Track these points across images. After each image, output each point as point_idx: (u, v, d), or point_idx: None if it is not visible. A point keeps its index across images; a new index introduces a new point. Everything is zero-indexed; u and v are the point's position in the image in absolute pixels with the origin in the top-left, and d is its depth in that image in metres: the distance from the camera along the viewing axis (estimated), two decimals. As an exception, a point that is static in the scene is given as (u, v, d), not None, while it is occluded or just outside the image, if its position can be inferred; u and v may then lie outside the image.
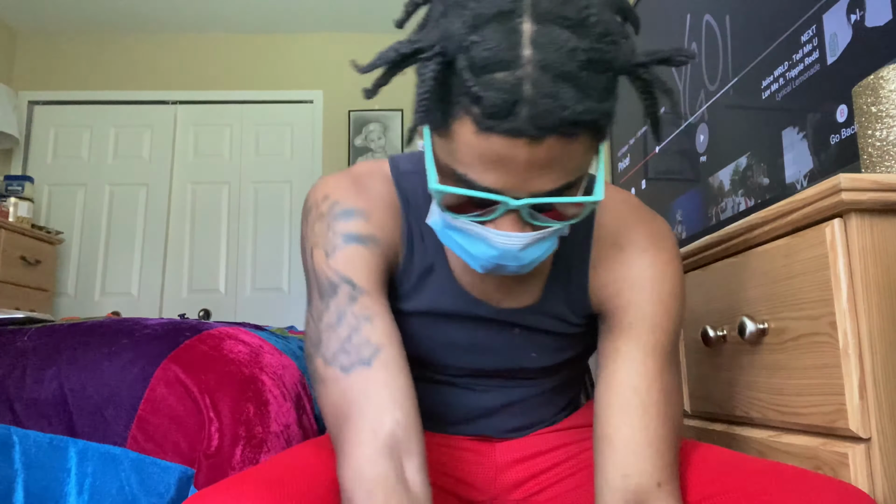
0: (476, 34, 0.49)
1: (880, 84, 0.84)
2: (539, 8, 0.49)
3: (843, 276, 0.74)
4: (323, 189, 0.74)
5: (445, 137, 0.54)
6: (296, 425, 1.18)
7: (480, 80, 0.49)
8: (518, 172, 0.52)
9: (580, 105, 0.49)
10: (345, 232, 0.70)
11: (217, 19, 3.82)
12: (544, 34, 0.49)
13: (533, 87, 0.49)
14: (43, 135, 3.85)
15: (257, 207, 3.81)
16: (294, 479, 0.65)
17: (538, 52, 0.49)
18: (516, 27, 0.49)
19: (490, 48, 0.49)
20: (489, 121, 0.50)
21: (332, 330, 0.67)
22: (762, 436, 0.91)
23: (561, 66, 0.49)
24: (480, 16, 0.50)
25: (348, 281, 0.68)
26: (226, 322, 1.45)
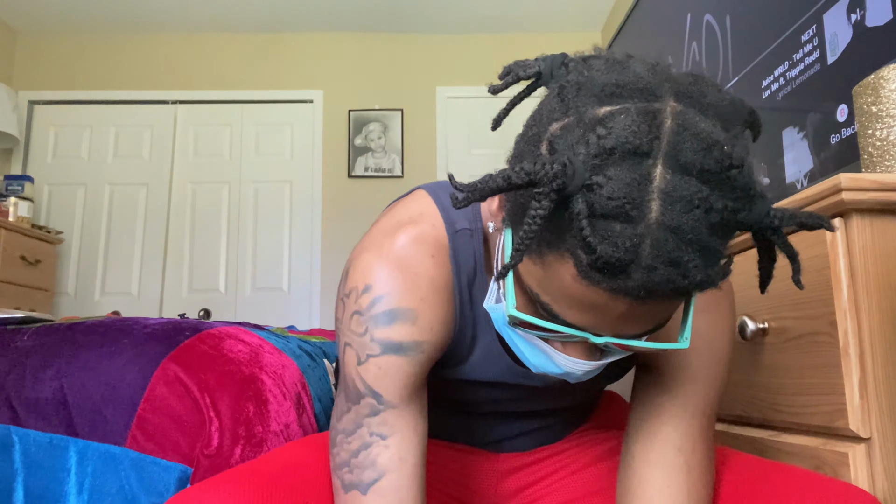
0: (600, 174, 0.43)
1: (880, 84, 0.83)
2: (677, 153, 0.43)
3: (844, 276, 0.74)
4: (364, 274, 0.63)
5: (538, 264, 0.48)
6: (295, 424, 1.18)
7: (596, 227, 0.43)
8: (610, 320, 0.47)
9: (700, 274, 0.44)
10: (384, 339, 0.62)
11: (217, 19, 3.82)
12: (678, 187, 0.42)
13: (653, 249, 0.42)
14: (43, 135, 3.85)
15: (257, 207, 3.81)
16: (286, 475, 0.66)
17: (667, 210, 0.42)
18: (647, 173, 0.42)
19: (614, 195, 0.42)
20: (595, 273, 0.44)
21: (346, 437, 0.64)
22: (762, 436, 0.91)
23: (690, 229, 0.42)
24: (609, 151, 0.43)
25: (375, 394, 0.62)
26: (226, 322, 1.45)
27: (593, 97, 0.46)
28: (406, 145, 3.85)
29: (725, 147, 0.43)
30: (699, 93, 0.46)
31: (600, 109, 0.45)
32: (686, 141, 0.43)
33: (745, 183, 0.44)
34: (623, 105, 0.44)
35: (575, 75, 0.48)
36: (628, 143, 0.42)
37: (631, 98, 0.45)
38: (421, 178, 3.81)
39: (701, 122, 0.44)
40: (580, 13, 3.79)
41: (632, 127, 0.43)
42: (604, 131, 0.43)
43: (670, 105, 0.44)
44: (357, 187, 3.81)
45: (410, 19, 3.83)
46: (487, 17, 3.81)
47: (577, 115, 0.45)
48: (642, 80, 0.46)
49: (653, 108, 0.44)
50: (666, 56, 2.21)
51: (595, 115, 0.45)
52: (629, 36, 2.63)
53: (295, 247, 3.77)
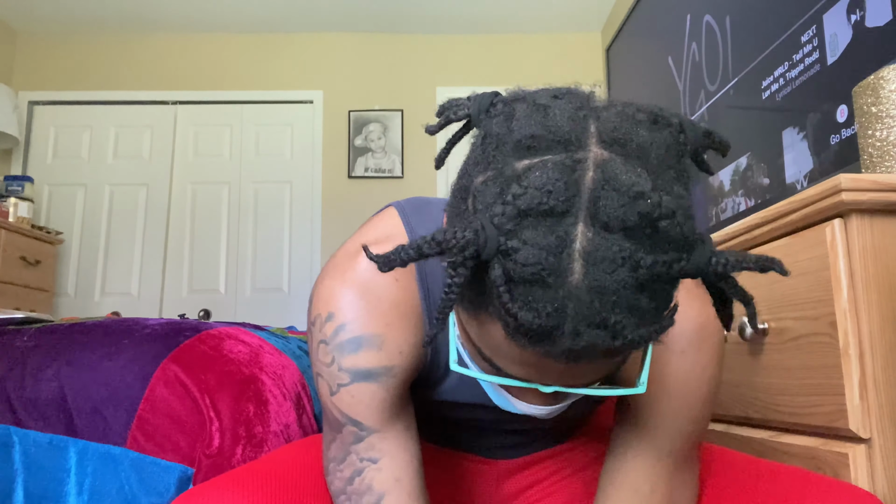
0: (515, 238, 0.40)
1: (880, 84, 0.83)
2: (598, 209, 0.40)
3: (844, 276, 0.74)
4: (328, 302, 0.62)
5: (473, 318, 0.46)
6: (296, 425, 1.18)
7: (516, 293, 0.40)
8: (553, 375, 0.45)
9: (633, 333, 0.41)
10: (352, 367, 0.61)
11: (217, 19, 3.82)
12: (600, 246, 0.39)
13: (577, 314, 0.40)
14: (43, 135, 3.85)
15: (257, 207, 3.81)
16: (290, 475, 0.66)
17: (590, 271, 0.39)
18: (566, 233, 0.39)
19: (530, 261, 0.39)
20: (522, 338, 0.42)
21: (337, 465, 0.64)
22: (762, 436, 0.91)
23: (616, 290, 0.40)
24: (524, 212, 0.40)
25: (354, 422, 0.62)
26: (226, 322, 1.45)
27: (512, 150, 0.43)
28: (406, 145, 3.85)
29: (651, 198, 0.40)
30: (626, 136, 0.42)
31: (519, 164, 0.42)
32: (608, 195, 0.40)
33: (679, 233, 0.41)
34: (541, 159, 0.41)
35: (497, 123, 0.45)
36: (544, 203, 0.40)
37: (550, 150, 0.42)
38: (421, 179, 3.81)
39: (625, 173, 0.40)
40: (580, 13, 3.79)
41: (547, 185, 0.40)
42: (519, 190, 0.40)
43: (593, 153, 0.41)
44: (357, 188, 3.81)
45: (410, 19, 3.83)
46: (487, 17, 3.81)
47: (496, 170, 0.43)
48: (562, 128, 0.42)
49: (572, 161, 0.41)
50: (666, 56, 2.22)
51: (513, 171, 0.42)
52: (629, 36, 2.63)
53: (295, 247, 3.77)
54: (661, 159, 0.42)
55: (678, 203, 0.41)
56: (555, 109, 0.44)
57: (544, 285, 0.40)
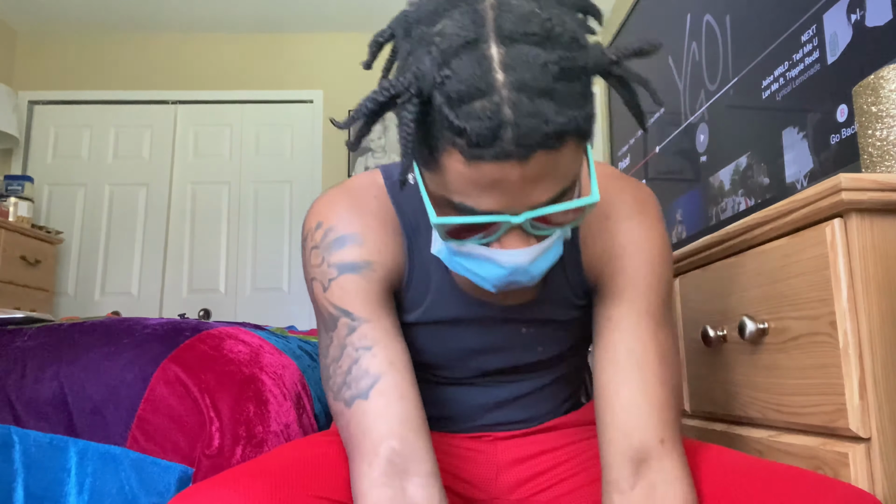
0: (447, 69, 0.50)
1: (880, 84, 0.84)
2: (502, 30, 0.49)
3: (843, 276, 0.74)
4: (316, 215, 0.74)
5: (436, 171, 0.54)
6: (296, 424, 1.18)
7: (460, 112, 0.49)
8: (513, 191, 0.52)
9: (561, 116, 0.49)
10: (338, 262, 0.70)
11: (217, 19, 3.82)
12: (513, 55, 0.49)
13: (512, 110, 0.48)
14: (43, 135, 3.85)
15: (257, 207, 3.81)
16: (289, 473, 0.66)
17: (510, 74, 0.49)
18: (484, 54, 0.49)
19: (463, 80, 0.49)
20: (476, 149, 0.50)
21: (336, 363, 0.69)
22: (762, 436, 0.91)
23: (535, 82, 0.49)
24: (447, 50, 0.50)
25: (346, 312, 0.69)
26: (226, 322, 1.45)
27: (428, 23, 0.52)
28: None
29: (542, 13, 0.50)
30: None
31: (434, 28, 0.52)
32: (505, 17, 0.50)
33: (571, 36, 0.51)
34: (449, 13, 0.51)
35: (412, 13, 0.55)
36: (459, 36, 0.50)
37: (454, 6, 0.52)
38: (421, 178, 3.81)
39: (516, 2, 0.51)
40: (580, 13, 3.79)
41: (458, 25, 0.50)
42: (439, 39, 0.50)
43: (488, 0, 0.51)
44: (357, 187, 3.81)
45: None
46: (487, 17, 3.81)
47: (418, 38, 0.53)
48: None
49: (473, 5, 0.51)
50: (666, 56, 2.21)
51: (432, 32, 0.52)
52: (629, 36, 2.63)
53: (295, 247, 3.77)
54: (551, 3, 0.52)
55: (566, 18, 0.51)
56: None
57: (479, 95, 0.49)
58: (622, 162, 2.67)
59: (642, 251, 0.73)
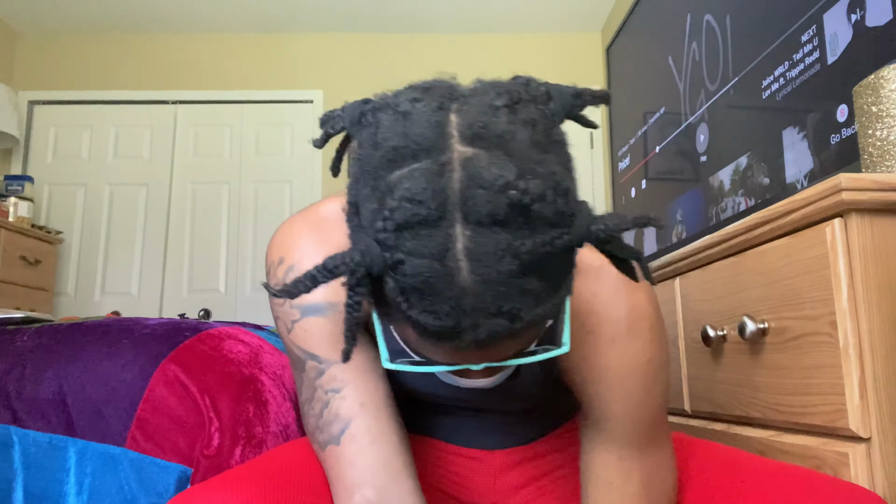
0: (400, 251, 0.42)
1: (881, 84, 0.83)
2: (469, 209, 0.41)
3: (844, 276, 0.74)
4: (278, 249, 0.68)
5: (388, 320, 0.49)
6: (295, 425, 1.18)
7: (412, 303, 0.43)
8: (473, 359, 0.47)
9: (529, 314, 0.43)
10: (300, 303, 0.65)
11: (217, 19, 3.82)
12: (480, 243, 0.41)
13: (474, 310, 0.42)
14: (43, 135, 3.85)
15: (257, 207, 3.81)
16: (287, 474, 0.66)
17: (475, 267, 0.41)
18: (447, 237, 0.41)
19: (419, 272, 0.41)
20: (430, 339, 0.44)
21: (309, 405, 0.67)
22: (762, 436, 0.91)
23: (503, 280, 0.41)
24: (402, 226, 0.42)
25: (311, 356, 0.65)
26: (226, 322, 1.45)
27: (382, 163, 0.44)
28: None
29: (519, 185, 0.41)
30: (485, 127, 0.43)
31: (390, 176, 0.43)
32: (474, 194, 0.41)
33: (553, 212, 0.42)
34: (409, 168, 0.43)
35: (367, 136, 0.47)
36: (417, 213, 0.41)
37: (415, 158, 0.43)
38: (421, 179, 3.81)
39: (488, 167, 0.42)
40: (580, 13, 3.79)
41: (417, 195, 0.41)
42: (393, 203, 0.42)
43: (456, 153, 0.42)
44: (357, 187, 3.81)
45: (410, 19, 3.84)
46: (487, 17, 3.81)
47: (372, 184, 0.44)
48: (424, 134, 0.43)
49: (438, 166, 0.42)
50: (666, 56, 2.21)
51: (386, 185, 0.43)
52: (629, 36, 2.63)
53: (295, 247, 3.76)
54: (524, 142, 0.44)
55: (547, 183, 0.43)
56: (414, 115, 0.45)
57: (436, 290, 0.42)
58: (622, 162, 2.67)
59: (624, 382, 0.65)
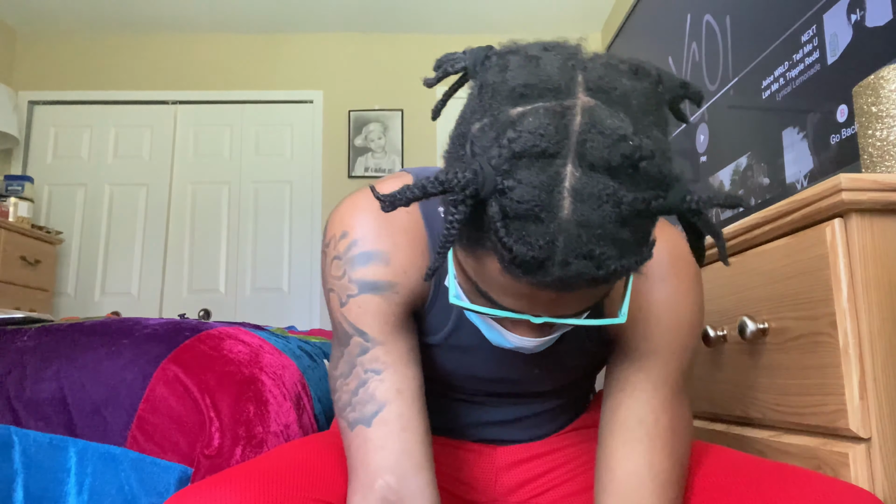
0: (511, 178, 0.44)
1: (881, 84, 0.83)
2: (585, 151, 0.43)
3: (844, 276, 0.74)
4: (341, 223, 0.68)
5: (469, 255, 0.50)
6: (295, 425, 1.18)
7: (511, 229, 0.44)
8: (542, 305, 0.49)
9: (616, 263, 0.45)
10: (360, 279, 0.66)
11: (217, 19, 3.82)
12: (587, 184, 0.43)
13: (566, 246, 0.44)
14: (43, 135, 3.85)
15: (257, 207, 3.81)
16: (285, 473, 0.66)
17: (578, 207, 0.43)
18: (557, 173, 0.43)
19: (525, 198, 0.43)
20: (516, 269, 0.45)
21: (344, 380, 0.67)
22: (762, 436, 0.91)
23: (601, 224, 0.43)
24: (519, 154, 0.44)
25: (360, 332, 0.66)
26: (226, 322, 1.45)
27: (507, 98, 0.46)
28: (406, 145, 3.85)
29: (633, 140, 0.44)
30: (610, 84, 0.46)
31: (513, 110, 0.46)
32: (593, 138, 0.43)
33: (657, 172, 0.45)
34: (533, 105, 0.45)
35: (492, 74, 0.48)
36: (536, 145, 0.43)
37: (541, 97, 0.45)
38: (421, 179, 3.81)
39: (609, 118, 0.44)
40: (580, 13, 3.79)
41: (539, 129, 0.44)
42: (514, 135, 0.44)
43: (580, 101, 0.45)
44: (357, 188, 3.80)
45: (410, 19, 3.83)
46: (487, 17, 3.81)
47: (492, 117, 0.46)
48: (552, 78, 0.46)
49: (562, 107, 0.45)
50: (666, 56, 2.21)
51: (508, 117, 0.45)
52: (629, 36, 2.63)
53: (295, 247, 3.77)
54: (641, 106, 0.46)
55: (657, 145, 0.45)
56: (545, 60, 0.47)
57: (537, 220, 0.44)
58: (622, 162, 2.67)
59: (671, 318, 0.68)
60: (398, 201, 0.47)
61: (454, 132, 0.51)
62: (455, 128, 0.51)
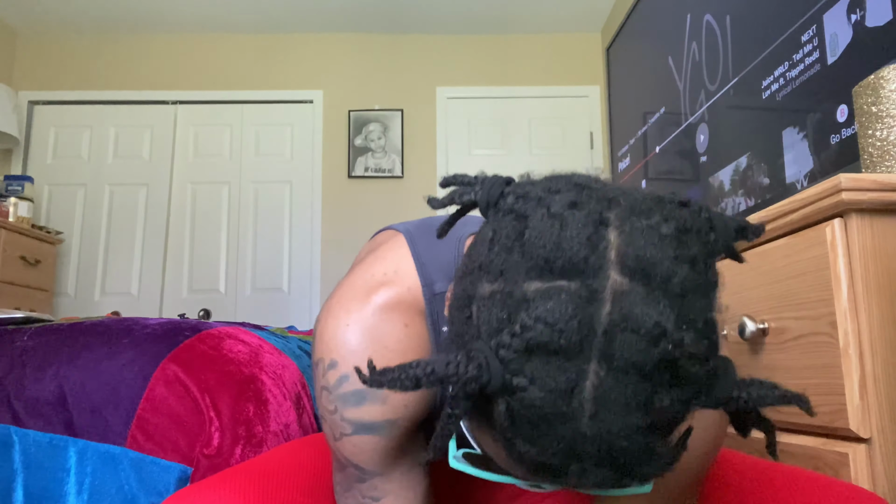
0: (523, 376, 0.37)
1: (880, 84, 0.83)
2: (614, 351, 0.36)
3: (844, 276, 0.74)
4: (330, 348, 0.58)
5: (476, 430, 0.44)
6: (295, 424, 1.18)
7: (521, 430, 0.38)
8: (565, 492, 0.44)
9: (641, 471, 0.38)
10: (354, 420, 0.58)
11: (217, 19, 3.82)
12: (613, 388, 0.36)
13: (585, 456, 0.37)
14: (43, 135, 3.85)
15: (257, 207, 3.81)
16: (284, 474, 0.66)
17: (601, 414, 0.36)
18: (578, 375, 0.36)
19: (538, 403, 0.37)
20: (526, 469, 0.40)
21: (342, 493, 0.64)
22: (762, 436, 0.91)
23: (628, 435, 0.37)
24: (534, 348, 0.36)
25: (357, 467, 0.60)
26: (226, 322, 1.45)
27: (522, 267, 0.39)
28: (406, 145, 3.85)
29: (675, 337, 0.36)
30: (650, 261, 0.37)
31: (529, 286, 0.38)
32: (625, 337, 0.36)
33: (704, 370, 0.37)
34: (554, 284, 0.37)
35: (507, 226, 0.41)
36: (554, 341, 0.36)
37: (564, 275, 0.37)
38: (421, 179, 3.81)
39: (645, 308, 0.36)
40: (580, 14, 3.79)
41: (560, 322, 0.36)
42: (528, 321, 0.37)
43: (611, 281, 0.37)
44: (357, 187, 3.81)
45: (410, 19, 3.84)
46: (487, 17, 3.81)
47: (503, 288, 0.39)
48: (579, 252, 0.37)
49: (588, 292, 0.37)
50: (666, 56, 2.22)
51: (523, 294, 0.38)
52: (629, 36, 2.63)
53: (295, 247, 3.77)
54: (686, 282, 0.38)
55: (702, 336, 0.37)
56: (570, 223, 0.39)
57: (551, 426, 0.37)
58: (622, 162, 2.67)
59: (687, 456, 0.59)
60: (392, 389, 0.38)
61: (460, 281, 0.43)
62: (461, 274, 0.43)
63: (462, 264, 0.44)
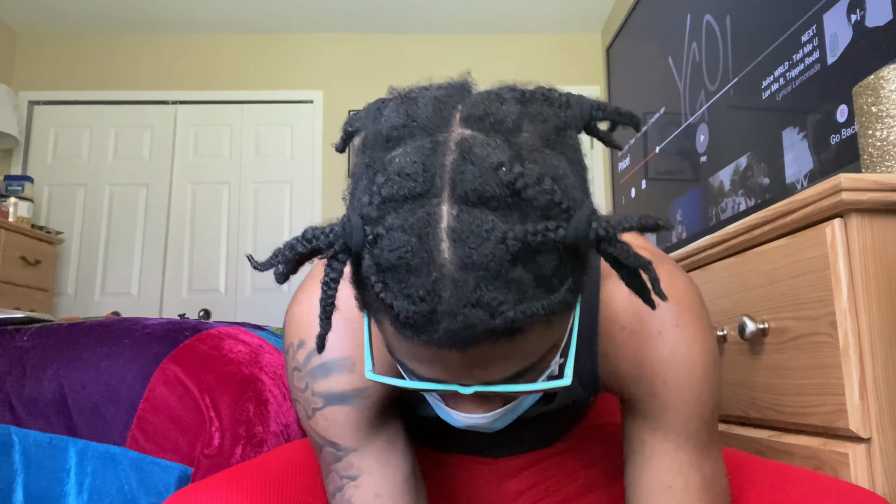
0: (380, 225, 0.39)
1: (880, 84, 0.83)
2: (459, 186, 0.38)
3: (844, 276, 0.74)
4: (298, 329, 0.62)
5: (373, 318, 0.44)
6: (296, 425, 1.18)
7: (389, 282, 0.39)
8: (456, 369, 0.42)
9: (513, 310, 0.38)
10: (324, 391, 0.61)
11: (217, 19, 3.82)
12: (465, 221, 0.37)
13: (452, 295, 0.38)
14: (43, 135, 3.85)
15: (257, 207, 3.81)
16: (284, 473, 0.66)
17: (457, 249, 0.37)
18: (430, 214, 0.38)
19: (396, 246, 0.38)
20: (406, 330, 0.40)
21: (324, 477, 0.65)
22: (762, 436, 0.91)
23: (487, 262, 0.37)
24: (388, 198, 0.39)
25: (331, 443, 0.62)
26: (226, 322, 1.45)
27: (382, 144, 0.42)
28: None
29: (513, 166, 0.38)
30: (489, 113, 0.41)
31: (387, 155, 0.41)
32: (466, 169, 0.38)
33: (548, 200, 0.38)
34: (405, 147, 0.41)
35: (370, 122, 0.45)
36: (404, 186, 0.39)
37: (413, 137, 0.41)
38: (421, 179, 3.81)
39: (483, 146, 0.39)
40: (580, 13, 3.79)
41: (406, 168, 0.39)
42: (381, 178, 0.40)
43: (455, 133, 0.40)
44: (357, 187, 3.81)
45: (410, 19, 3.84)
46: (487, 17, 3.81)
47: (367, 163, 0.43)
48: (426, 114, 0.41)
49: (433, 143, 0.40)
50: (666, 56, 2.22)
51: (381, 162, 0.41)
52: (629, 36, 2.63)
53: (295, 247, 3.76)
54: (530, 134, 0.41)
55: (546, 170, 0.39)
56: (421, 99, 0.43)
57: (414, 269, 0.38)
58: (622, 162, 2.67)
59: (680, 372, 0.60)
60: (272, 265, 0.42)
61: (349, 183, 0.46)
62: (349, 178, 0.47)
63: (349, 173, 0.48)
